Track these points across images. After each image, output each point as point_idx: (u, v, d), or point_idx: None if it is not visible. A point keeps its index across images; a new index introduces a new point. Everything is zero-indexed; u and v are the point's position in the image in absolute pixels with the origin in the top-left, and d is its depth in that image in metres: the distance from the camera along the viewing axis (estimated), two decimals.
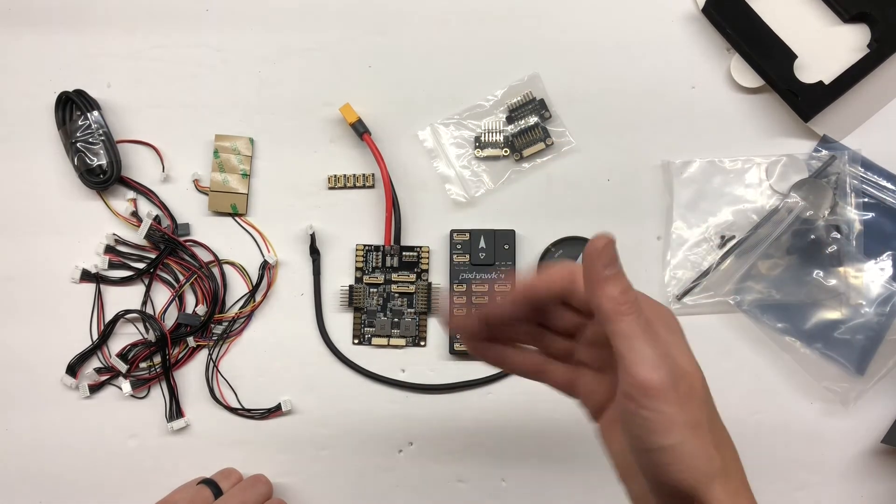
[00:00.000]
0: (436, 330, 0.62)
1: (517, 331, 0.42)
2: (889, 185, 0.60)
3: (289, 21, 0.64)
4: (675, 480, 0.38)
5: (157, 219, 0.62)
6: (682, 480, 0.38)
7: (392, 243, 0.61)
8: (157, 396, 0.61)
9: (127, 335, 0.62)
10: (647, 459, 0.38)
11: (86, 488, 0.61)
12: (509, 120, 0.62)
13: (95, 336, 0.62)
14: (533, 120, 0.62)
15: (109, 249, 0.62)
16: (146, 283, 0.62)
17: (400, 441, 0.61)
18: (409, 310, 0.62)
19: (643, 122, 0.62)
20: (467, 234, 0.61)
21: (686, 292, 0.60)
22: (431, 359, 0.61)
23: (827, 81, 0.59)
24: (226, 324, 0.62)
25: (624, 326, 0.37)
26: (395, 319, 0.62)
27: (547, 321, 0.42)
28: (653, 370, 0.36)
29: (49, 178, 0.63)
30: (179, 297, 0.61)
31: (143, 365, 0.61)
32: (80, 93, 0.62)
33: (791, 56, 0.59)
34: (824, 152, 0.61)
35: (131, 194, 0.62)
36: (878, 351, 0.59)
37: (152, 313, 0.62)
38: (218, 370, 0.61)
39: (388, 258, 0.61)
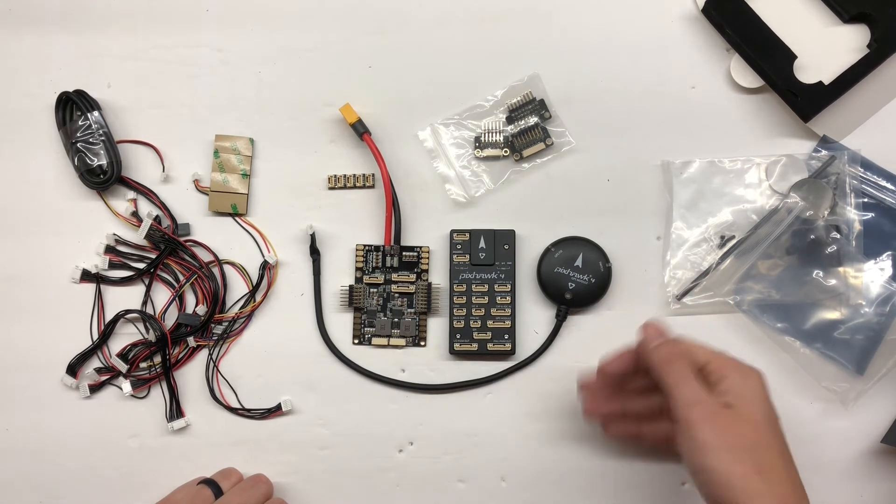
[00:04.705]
0: (436, 330, 0.62)
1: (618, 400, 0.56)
2: (889, 185, 0.60)
3: (289, 21, 0.64)
4: (714, 496, 0.47)
5: (157, 219, 0.62)
6: (718, 496, 0.47)
7: (392, 243, 0.61)
8: (157, 396, 0.61)
9: (127, 335, 0.62)
10: (695, 479, 0.48)
11: (86, 488, 0.61)
12: (509, 120, 0.62)
13: (96, 336, 0.62)
14: (533, 120, 0.62)
15: (109, 249, 0.62)
16: (146, 283, 0.62)
17: (400, 441, 0.61)
18: (409, 310, 0.62)
19: (643, 122, 0.62)
20: (467, 234, 0.61)
21: (686, 292, 0.60)
22: (431, 359, 0.62)
23: (827, 81, 0.59)
24: (226, 324, 0.62)
25: (666, 377, 0.50)
26: (395, 319, 0.62)
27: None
28: (688, 407, 0.48)
29: (49, 179, 0.63)
30: (179, 297, 0.61)
31: (143, 365, 0.61)
32: (80, 93, 0.62)
33: (791, 56, 0.59)
34: (824, 152, 0.61)
35: (131, 194, 0.62)
36: (878, 351, 0.59)
37: (152, 313, 0.62)
38: (218, 370, 0.61)
39: (388, 258, 0.61)
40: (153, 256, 0.62)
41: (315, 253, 0.62)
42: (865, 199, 0.60)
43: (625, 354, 0.55)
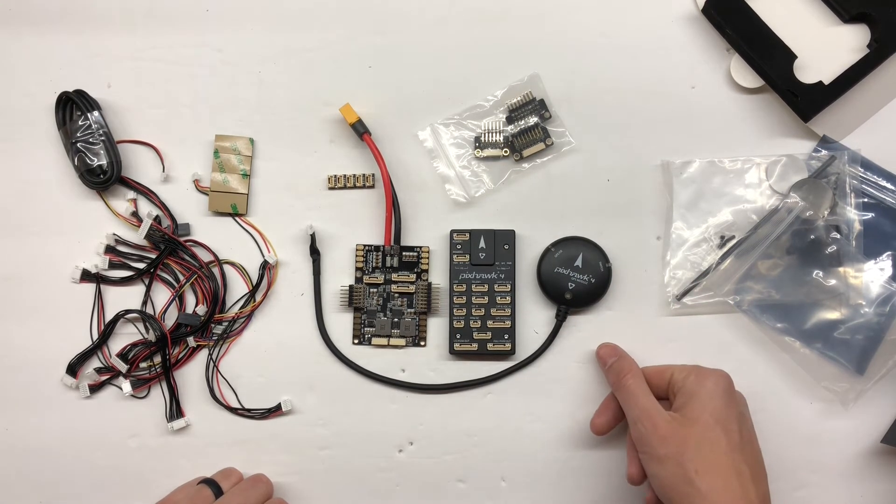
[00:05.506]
0: (436, 330, 0.62)
1: None
2: (889, 185, 0.60)
3: (289, 21, 0.63)
4: (665, 501, 0.51)
5: (157, 219, 0.62)
6: (667, 500, 0.50)
7: (392, 243, 0.61)
8: (157, 396, 0.61)
9: (127, 335, 0.62)
10: (655, 490, 0.52)
11: (86, 488, 0.61)
12: (509, 120, 0.62)
13: (95, 336, 0.62)
14: (533, 120, 0.62)
15: (110, 249, 0.62)
16: (146, 283, 0.62)
17: (400, 441, 0.61)
18: (409, 310, 0.62)
19: (643, 122, 0.62)
20: (467, 234, 0.61)
21: (686, 292, 0.60)
22: (431, 359, 0.62)
23: (827, 81, 0.59)
24: (226, 324, 0.62)
25: (618, 394, 0.56)
26: (395, 319, 0.62)
27: None
28: (634, 424, 0.53)
29: (49, 178, 0.63)
30: (179, 297, 0.61)
31: (143, 365, 0.61)
32: (80, 93, 0.62)
33: (791, 56, 0.59)
34: (824, 152, 0.61)
35: (131, 194, 0.62)
36: (878, 351, 0.59)
37: (152, 313, 0.62)
38: (218, 370, 0.61)
39: (388, 258, 0.61)
40: (153, 256, 0.62)
41: (315, 253, 0.62)
42: (865, 199, 0.60)
43: (604, 402, 0.58)
